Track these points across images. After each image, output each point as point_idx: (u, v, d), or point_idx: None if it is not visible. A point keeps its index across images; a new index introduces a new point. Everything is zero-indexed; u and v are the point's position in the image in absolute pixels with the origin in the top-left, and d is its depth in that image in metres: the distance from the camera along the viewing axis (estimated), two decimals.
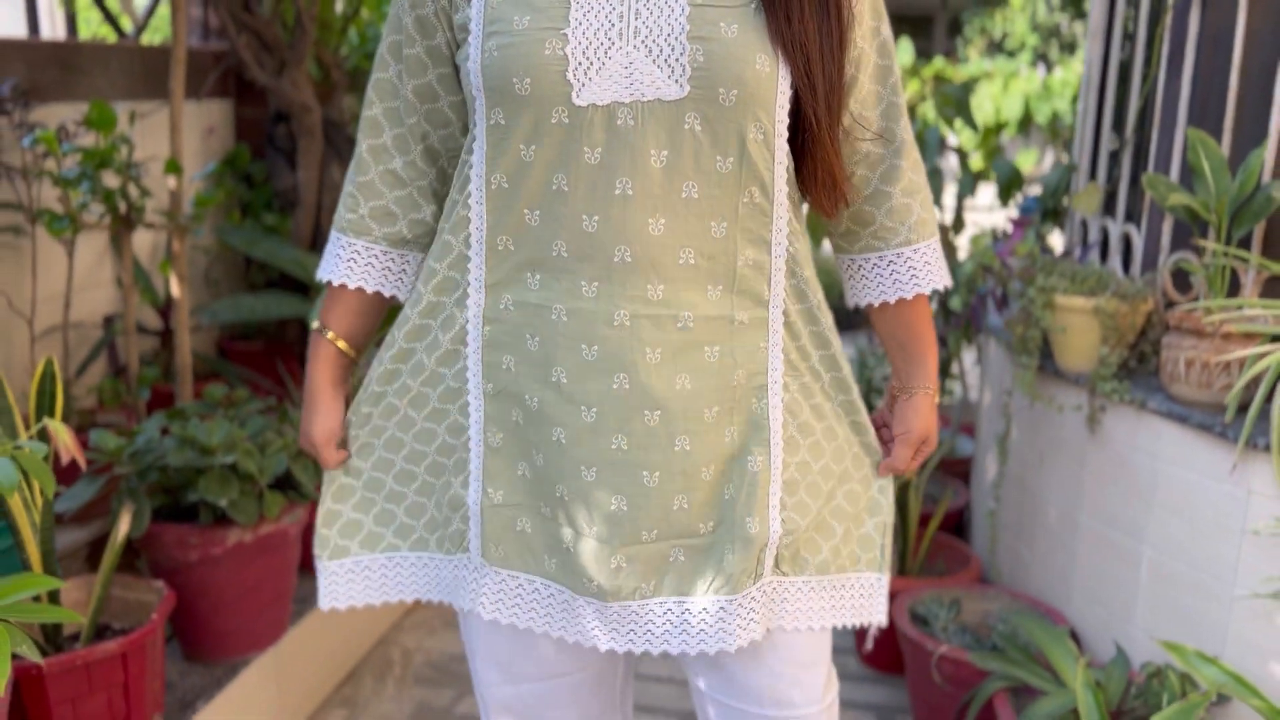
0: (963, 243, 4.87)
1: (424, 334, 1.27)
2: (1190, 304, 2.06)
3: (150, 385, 2.67)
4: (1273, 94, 2.02)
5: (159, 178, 2.90)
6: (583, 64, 1.11)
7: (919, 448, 1.35)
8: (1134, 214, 2.45)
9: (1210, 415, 1.96)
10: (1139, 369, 2.29)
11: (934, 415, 1.35)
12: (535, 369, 1.20)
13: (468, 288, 1.23)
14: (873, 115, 1.24)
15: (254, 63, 3.03)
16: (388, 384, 1.30)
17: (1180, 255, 2.19)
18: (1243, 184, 1.99)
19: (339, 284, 1.31)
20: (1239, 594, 1.88)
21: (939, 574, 2.68)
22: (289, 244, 3.18)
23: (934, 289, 1.31)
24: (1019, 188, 3.25)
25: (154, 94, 2.94)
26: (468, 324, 1.23)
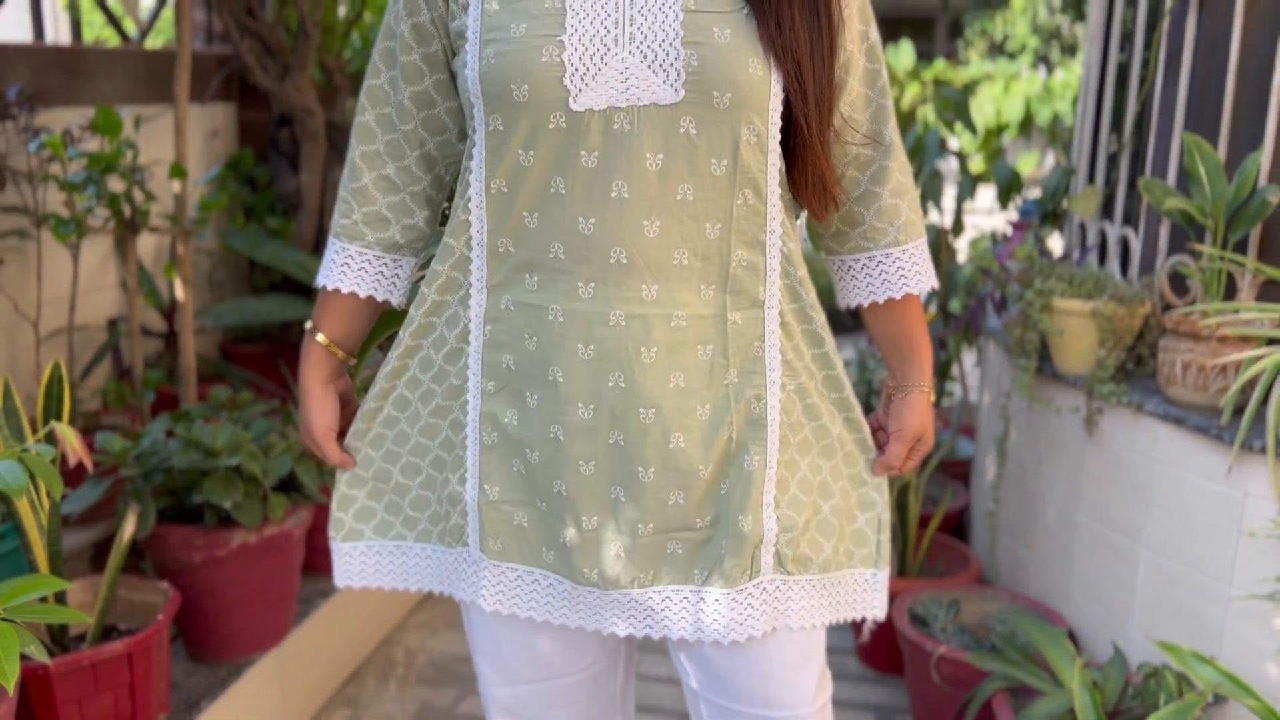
0: (962, 245, 4.88)
1: (430, 331, 1.29)
2: (1187, 307, 2.08)
3: (154, 388, 2.68)
4: (1269, 98, 2.03)
5: (163, 181, 2.91)
6: (579, 70, 1.12)
7: (915, 446, 1.37)
8: (1132, 217, 2.46)
9: (1206, 417, 1.97)
10: (1136, 371, 2.30)
11: (929, 413, 1.36)
12: (534, 368, 1.22)
13: (470, 288, 1.25)
14: (862, 118, 1.26)
15: (257, 67, 3.05)
16: (397, 378, 1.32)
17: (1177, 259, 2.21)
18: (1239, 188, 2.01)
19: (333, 288, 1.33)
20: (1235, 595, 1.90)
21: (938, 575, 2.69)
22: (292, 247, 3.20)
23: (923, 290, 1.32)
24: (1018, 190, 3.26)
25: (158, 98, 2.96)
26: (470, 323, 1.25)
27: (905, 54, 6.56)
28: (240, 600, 2.18)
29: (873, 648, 2.66)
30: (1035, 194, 3.64)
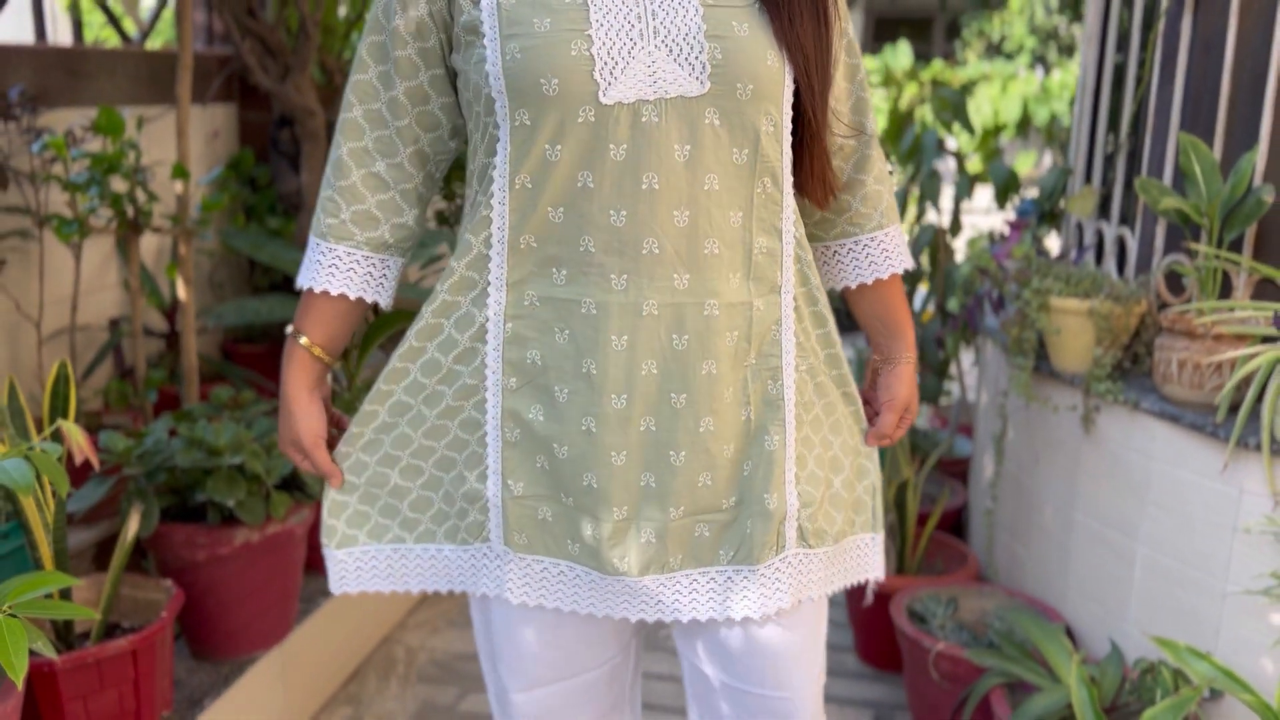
0: (960, 245, 4.89)
1: (436, 333, 1.29)
2: (1183, 306, 2.09)
3: (157, 387, 2.69)
4: (1263, 98, 2.05)
5: (165, 182, 2.92)
6: (609, 64, 1.15)
7: (903, 415, 1.43)
8: (1128, 217, 2.48)
9: (1202, 415, 1.99)
10: (1133, 370, 2.32)
11: (915, 382, 1.44)
12: (566, 361, 1.23)
13: (487, 286, 1.25)
14: (845, 109, 1.33)
15: (258, 67, 3.06)
16: (397, 382, 1.31)
17: (1173, 258, 2.22)
18: (1234, 187, 2.02)
19: (320, 291, 1.30)
20: (1231, 590, 1.91)
21: (937, 572, 2.71)
22: (293, 247, 3.20)
23: (905, 268, 1.41)
24: (1015, 190, 3.27)
25: (159, 99, 2.97)
26: (488, 322, 1.26)
27: (903, 54, 6.57)
28: (243, 598, 2.20)
29: (871, 645, 2.67)
30: (1032, 194, 3.66)
